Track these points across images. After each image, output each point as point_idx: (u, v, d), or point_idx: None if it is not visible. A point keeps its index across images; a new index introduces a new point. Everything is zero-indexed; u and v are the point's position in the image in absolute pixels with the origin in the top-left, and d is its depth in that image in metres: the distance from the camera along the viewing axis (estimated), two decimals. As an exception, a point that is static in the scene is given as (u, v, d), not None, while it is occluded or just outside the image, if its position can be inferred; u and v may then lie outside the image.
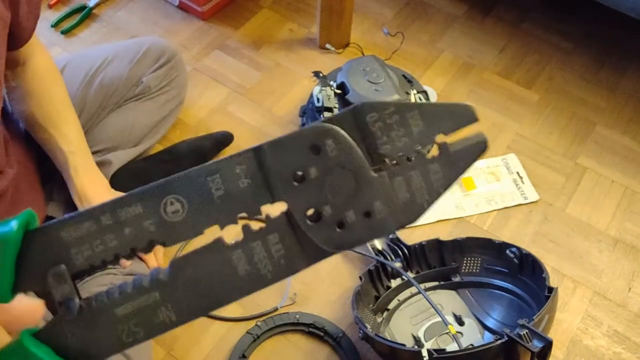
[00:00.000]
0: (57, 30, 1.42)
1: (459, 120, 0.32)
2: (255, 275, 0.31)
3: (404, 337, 0.96)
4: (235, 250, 0.31)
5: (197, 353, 0.96)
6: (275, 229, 0.32)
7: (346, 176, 0.31)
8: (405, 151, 0.31)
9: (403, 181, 0.31)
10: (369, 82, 1.14)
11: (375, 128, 0.31)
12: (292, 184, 0.31)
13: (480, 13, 1.48)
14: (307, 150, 0.30)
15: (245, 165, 0.30)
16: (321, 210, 0.31)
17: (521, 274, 0.97)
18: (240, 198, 0.31)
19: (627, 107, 1.31)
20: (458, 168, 0.32)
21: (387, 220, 0.32)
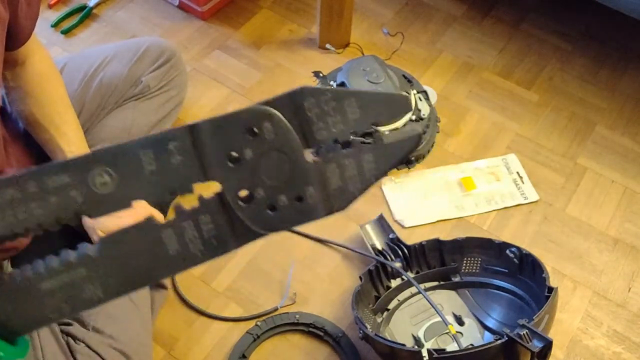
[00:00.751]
0: (57, 30, 1.42)
1: (394, 110, 0.32)
2: (186, 254, 0.31)
3: (404, 337, 0.96)
4: (165, 230, 0.31)
5: (197, 353, 0.96)
6: (208, 209, 0.31)
7: (281, 160, 0.31)
8: (341, 138, 0.32)
9: (336, 168, 0.32)
10: (369, 82, 1.14)
11: (312, 113, 0.31)
12: (226, 164, 0.31)
13: (480, 13, 1.48)
14: (243, 132, 0.30)
15: (178, 142, 0.30)
16: (254, 192, 0.31)
17: (521, 274, 0.97)
18: (172, 174, 0.30)
19: (627, 107, 1.31)
20: (391, 159, 0.32)
21: (318, 205, 0.32)
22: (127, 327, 0.86)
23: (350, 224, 1.11)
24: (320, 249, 1.08)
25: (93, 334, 0.82)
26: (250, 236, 0.32)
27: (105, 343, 0.82)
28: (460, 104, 1.30)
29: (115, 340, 0.83)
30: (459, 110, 1.29)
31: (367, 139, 0.32)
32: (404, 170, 1.18)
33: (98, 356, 0.80)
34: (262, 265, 1.06)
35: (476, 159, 1.21)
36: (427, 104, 1.20)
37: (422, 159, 1.20)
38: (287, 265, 1.05)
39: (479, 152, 1.22)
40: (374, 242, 1.06)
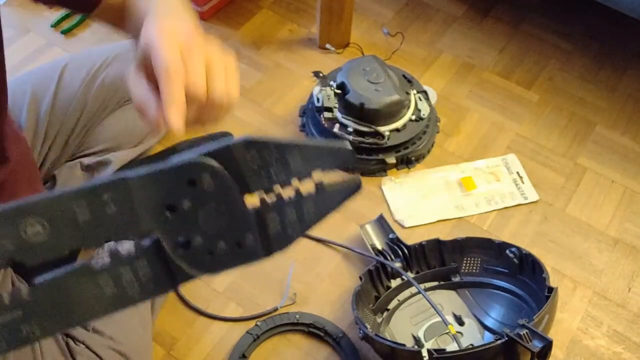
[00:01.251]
0: (57, 30, 1.42)
1: (337, 161, 0.33)
2: (122, 296, 0.31)
3: (404, 337, 0.96)
4: (101, 274, 0.31)
5: (197, 353, 0.96)
6: (144, 255, 0.31)
7: (220, 209, 0.31)
8: (282, 185, 0.32)
9: (277, 216, 0.32)
10: (369, 82, 1.14)
11: (254, 165, 0.31)
12: (164, 214, 0.30)
13: (480, 13, 1.48)
14: (182, 184, 0.30)
15: (113, 193, 0.30)
16: (192, 239, 0.31)
17: (521, 274, 0.97)
18: (106, 224, 0.30)
19: (627, 107, 1.31)
20: (330, 205, 0.34)
21: (256, 250, 0.32)
22: (127, 328, 0.86)
23: (350, 224, 1.11)
24: (320, 249, 1.08)
25: (93, 335, 0.82)
26: (187, 277, 0.32)
27: (105, 344, 0.82)
28: (460, 104, 1.30)
29: (115, 341, 0.83)
30: (459, 110, 1.29)
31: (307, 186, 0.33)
32: (404, 170, 1.18)
33: (98, 357, 0.80)
34: (262, 265, 1.06)
35: (476, 159, 1.21)
36: (427, 104, 1.20)
37: (422, 159, 1.20)
38: (287, 265, 1.05)
39: (479, 152, 1.22)
40: (374, 242, 1.06)
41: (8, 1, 1.48)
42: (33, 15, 1.45)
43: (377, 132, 1.13)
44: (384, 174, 1.17)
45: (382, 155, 1.15)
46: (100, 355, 0.80)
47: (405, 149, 1.16)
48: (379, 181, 1.17)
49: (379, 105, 1.12)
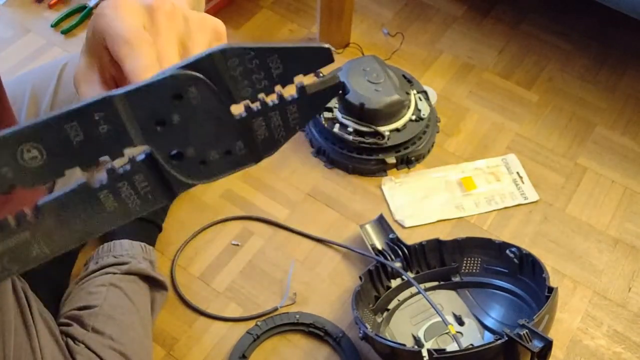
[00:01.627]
0: (57, 30, 1.42)
1: (316, 62, 0.34)
2: (124, 210, 0.33)
3: (404, 337, 0.96)
4: (101, 192, 0.32)
5: (197, 353, 0.96)
6: (140, 169, 0.32)
7: (208, 120, 0.32)
8: (266, 92, 0.33)
9: (262, 122, 0.33)
10: (369, 82, 1.14)
11: (236, 73, 0.32)
12: (154, 129, 0.31)
13: (480, 14, 1.48)
14: (169, 98, 0.31)
15: (104, 112, 0.30)
16: (184, 151, 0.32)
17: (521, 274, 0.97)
18: (100, 143, 0.31)
19: (627, 107, 1.31)
20: (314, 108, 0.34)
21: (247, 155, 0.34)
22: (127, 328, 0.86)
23: (350, 224, 1.11)
24: (320, 249, 1.08)
25: (93, 335, 0.82)
26: (184, 186, 0.34)
27: (104, 344, 0.82)
28: (460, 104, 1.30)
29: (115, 341, 0.83)
30: (459, 110, 1.29)
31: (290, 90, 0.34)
32: (404, 170, 1.18)
33: (98, 357, 0.80)
34: (262, 265, 1.06)
35: (476, 159, 1.21)
36: (427, 104, 1.20)
37: (422, 159, 1.20)
38: (287, 265, 1.05)
39: (479, 152, 1.22)
40: (374, 242, 1.06)
41: (8, 1, 1.48)
42: (33, 15, 1.45)
43: (377, 132, 1.13)
44: (384, 174, 1.17)
45: (382, 155, 1.15)
46: (100, 355, 0.80)
47: (405, 149, 1.16)
48: (379, 181, 1.17)
49: (379, 105, 1.12)
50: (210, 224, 1.10)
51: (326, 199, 1.15)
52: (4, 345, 0.68)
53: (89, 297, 0.88)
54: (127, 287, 0.91)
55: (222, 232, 1.10)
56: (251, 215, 1.12)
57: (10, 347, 0.69)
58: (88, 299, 0.88)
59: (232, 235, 1.10)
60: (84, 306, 0.86)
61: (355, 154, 1.15)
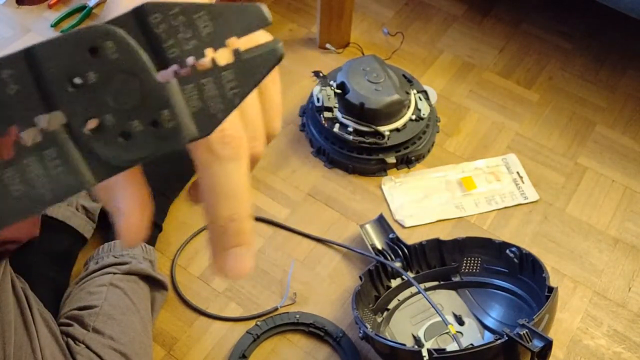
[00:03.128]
0: (57, 30, 1.42)
1: (249, 23, 0.30)
2: (32, 194, 0.28)
3: (404, 336, 0.96)
4: (6, 169, 0.27)
5: (197, 353, 0.96)
6: (53, 142, 0.28)
7: (130, 82, 0.28)
8: (195, 55, 0.29)
9: (194, 89, 0.29)
10: (369, 82, 1.14)
11: (160, 30, 0.28)
12: (69, 90, 0.27)
13: (480, 13, 1.48)
14: (84, 53, 0.27)
15: (13, 69, 0.27)
16: (103, 119, 0.28)
17: (521, 274, 0.97)
18: (9, 107, 0.27)
19: (627, 107, 1.31)
20: (253, 77, 0.29)
21: (177, 130, 0.29)
22: (127, 328, 0.86)
23: (350, 224, 1.11)
24: (320, 249, 1.08)
25: (93, 335, 0.82)
26: (106, 170, 0.29)
27: (105, 344, 0.82)
28: (460, 103, 1.30)
29: (115, 341, 0.83)
30: (459, 110, 1.29)
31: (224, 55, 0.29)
32: (404, 170, 1.18)
33: (98, 357, 0.80)
34: (262, 265, 1.06)
35: (476, 158, 1.21)
36: (427, 103, 1.20)
37: (422, 159, 1.20)
38: (287, 265, 1.05)
39: (479, 152, 1.22)
40: (374, 242, 1.06)
41: (8, 1, 1.48)
42: (33, 15, 1.45)
43: (377, 132, 1.13)
44: (384, 174, 1.17)
45: (382, 155, 1.15)
46: (101, 355, 0.80)
47: (405, 149, 1.16)
48: (379, 181, 1.17)
49: (379, 105, 1.12)
50: (211, 223, 1.10)
51: (326, 198, 1.15)
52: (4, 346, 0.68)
53: (89, 297, 0.88)
54: (127, 287, 0.91)
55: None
56: (251, 215, 1.12)
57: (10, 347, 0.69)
58: (88, 299, 0.88)
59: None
60: (84, 306, 0.87)
61: (355, 154, 1.15)
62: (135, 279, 0.93)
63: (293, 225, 1.10)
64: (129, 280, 0.92)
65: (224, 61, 0.28)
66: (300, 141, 1.23)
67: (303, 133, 1.23)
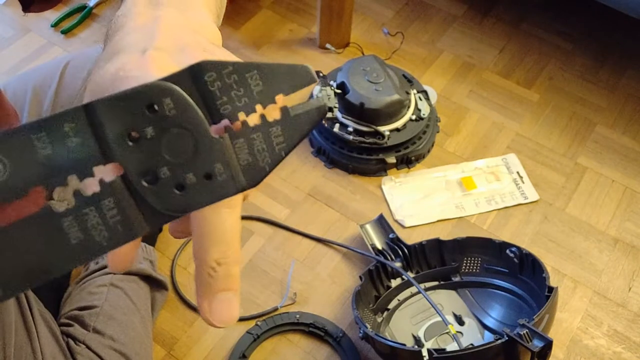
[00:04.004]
0: (57, 30, 1.42)
1: (297, 81, 0.31)
2: (90, 243, 0.29)
3: (404, 336, 0.96)
4: (66, 217, 0.28)
5: (197, 353, 0.96)
6: (110, 193, 0.29)
7: (185, 137, 0.29)
8: (246, 112, 0.30)
9: (244, 143, 0.30)
10: (369, 82, 1.14)
11: (214, 88, 0.29)
12: (127, 143, 0.29)
13: (480, 13, 1.48)
14: (142, 109, 0.29)
15: (74, 123, 0.28)
16: (158, 172, 0.29)
17: (521, 274, 0.97)
18: (69, 158, 0.28)
19: (627, 107, 1.31)
20: (299, 131, 0.31)
21: (228, 182, 0.30)
22: (127, 328, 0.86)
23: (350, 224, 1.11)
24: (320, 249, 1.08)
25: (93, 335, 0.82)
26: (159, 219, 0.30)
27: (105, 344, 0.82)
28: (460, 103, 1.30)
29: (115, 342, 0.83)
30: (459, 110, 1.29)
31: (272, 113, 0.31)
32: (404, 170, 1.18)
33: (98, 357, 0.80)
34: (262, 265, 1.06)
35: (476, 158, 1.21)
36: (427, 103, 1.20)
37: (422, 159, 1.20)
38: (287, 265, 1.06)
39: (479, 151, 1.22)
40: (374, 242, 1.06)
41: (8, 1, 1.48)
42: (33, 15, 1.45)
43: (377, 132, 1.13)
44: (384, 174, 1.17)
45: (382, 155, 1.15)
46: (101, 355, 0.80)
47: (405, 149, 1.16)
48: (379, 181, 1.17)
49: (379, 105, 1.12)
50: (211, 223, 1.10)
51: (326, 198, 1.15)
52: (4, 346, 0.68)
53: (90, 297, 0.88)
54: (127, 287, 0.91)
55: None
56: (251, 215, 1.12)
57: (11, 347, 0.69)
58: (88, 299, 0.88)
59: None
60: (85, 306, 0.87)
61: (355, 154, 1.15)
62: (136, 279, 0.93)
63: (293, 225, 1.10)
64: (129, 280, 0.92)
65: (272, 117, 0.30)
66: (301, 141, 1.22)
67: (303, 133, 1.23)
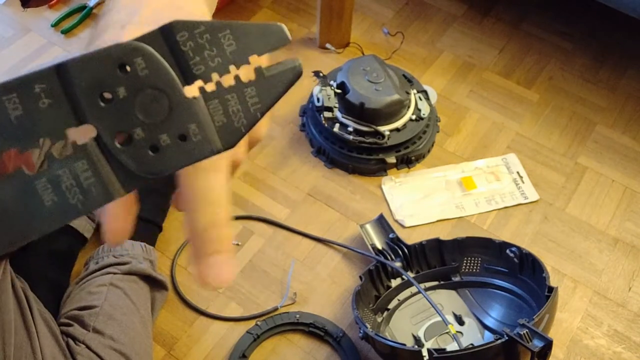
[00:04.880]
0: (57, 30, 1.42)
1: (271, 41, 0.32)
2: (64, 205, 0.29)
3: (404, 336, 0.96)
4: (39, 180, 0.28)
5: (197, 353, 0.96)
6: (83, 155, 0.29)
7: (158, 98, 0.29)
8: (220, 72, 0.30)
9: (219, 104, 0.30)
10: (369, 82, 1.14)
11: (186, 47, 0.29)
12: (99, 104, 0.29)
13: (480, 13, 1.48)
14: (114, 69, 0.28)
15: (45, 84, 0.28)
16: (132, 133, 0.29)
17: (521, 274, 0.97)
18: (41, 120, 0.28)
19: (627, 106, 1.31)
20: (274, 92, 0.31)
21: (203, 143, 0.30)
22: (127, 328, 0.86)
23: (350, 224, 1.11)
24: (320, 248, 1.08)
25: (93, 335, 0.82)
26: (135, 181, 0.30)
27: (105, 344, 0.82)
28: (460, 103, 1.30)
29: (115, 341, 0.83)
30: (459, 110, 1.29)
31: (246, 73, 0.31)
32: (404, 170, 1.18)
33: (98, 357, 0.80)
34: (262, 265, 1.06)
35: (476, 158, 1.21)
36: (427, 103, 1.20)
37: (422, 158, 1.20)
38: (287, 265, 1.05)
39: (479, 151, 1.22)
40: (374, 241, 1.06)
41: (8, 1, 1.48)
42: (33, 15, 1.45)
43: (377, 132, 1.13)
44: (384, 174, 1.17)
45: (382, 155, 1.15)
46: (101, 355, 0.80)
47: (405, 149, 1.16)
48: (379, 181, 1.17)
49: (379, 105, 1.12)
50: (211, 223, 1.10)
51: (326, 198, 1.15)
52: (4, 346, 0.68)
53: (90, 297, 0.88)
54: (127, 287, 0.91)
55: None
56: (251, 215, 1.12)
57: (10, 347, 0.69)
58: (88, 299, 0.88)
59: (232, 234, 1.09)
60: (85, 306, 0.87)
61: (355, 154, 1.15)
62: (136, 279, 0.93)
63: (293, 225, 1.10)
64: (129, 280, 0.92)
65: (247, 78, 0.30)
66: (301, 141, 1.23)
67: (303, 133, 1.23)
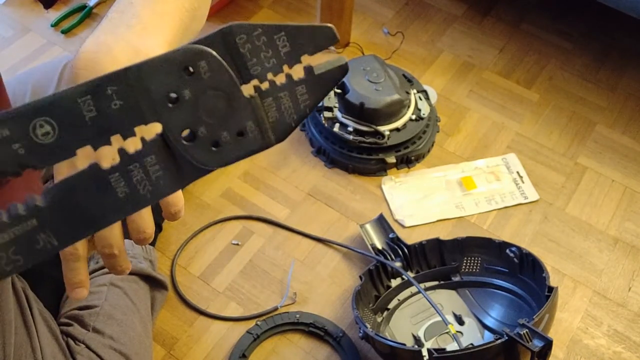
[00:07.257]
0: (57, 30, 1.42)
1: (321, 41, 0.34)
2: (135, 196, 0.32)
3: (404, 336, 0.96)
4: (112, 174, 0.31)
5: (197, 353, 0.96)
6: (152, 150, 0.32)
7: (219, 98, 0.32)
8: (274, 72, 0.33)
9: (272, 102, 0.33)
10: (369, 82, 1.14)
11: (244, 50, 0.32)
12: (166, 105, 0.31)
13: (480, 13, 1.48)
14: (179, 72, 0.31)
15: (116, 86, 0.30)
16: (196, 130, 0.32)
17: (521, 274, 0.97)
18: (112, 119, 0.31)
19: (627, 106, 1.31)
20: (323, 89, 0.34)
21: (258, 138, 0.33)
22: (127, 328, 0.86)
23: (350, 224, 1.11)
24: (320, 248, 1.08)
25: (93, 335, 0.82)
26: (197, 173, 0.33)
27: (105, 344, 0.82)
28: (460, 103, 1.30)
29: (115, 341, 0.83)
30: (459, 110, 1.29)
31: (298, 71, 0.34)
32: (404, 170, 1.18)
33: (98, 357, 0.80)
34: (262, 265, 1.06)
35: (476, 158, 1.21)
36: (427, 103, 1.20)
37: (422, 158, 1.20)
38: (287, 265, 1.05)
39: (479, 151, 1.22)
40: (374, 241, 1.06)
41: (8, 1, 1.48)
42: (33, 15, 1.45)
43: (377, 132, 1.13)
44: (384, 174, 1.17)
45: (382, 155, 1.15)
46: (101, 355, 0.80)
47: (405, 149, 1.16)
48: (379, 181, 1.17)
49: (379, 105, 1.12)
50: (211, 223, 1.10)
51: (326, 198, 1.15)
52: (4, 345, 0.68)
53: (90, 296, 0.88)
54: (127, 287, 0.91)
55: (222, 232, 1.10)
56: (251, 215, 1.12)
57: (10, 346, 0.69)
58: (88, 299, 0.88)
59: (232, 234, 1.10)
60: (85, 306, 0.87)
61: (355, 154, 1.15)
62: (136, 278, 0.93)
63: (293, 225, 1.10)
64: (129, 280, 0.92)
65: (298, 77, 0.33)
66: (300, 141, 1.23)
67: (303, 133, 1.23)
